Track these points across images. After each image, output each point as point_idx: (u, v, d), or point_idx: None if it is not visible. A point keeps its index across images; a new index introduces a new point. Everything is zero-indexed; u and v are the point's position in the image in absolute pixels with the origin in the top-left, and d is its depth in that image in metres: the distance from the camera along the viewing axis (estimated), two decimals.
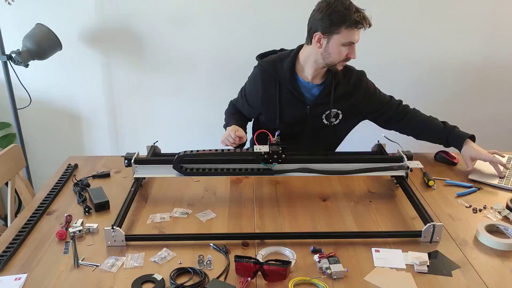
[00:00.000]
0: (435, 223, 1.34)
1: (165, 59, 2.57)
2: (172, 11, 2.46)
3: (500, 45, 2.58)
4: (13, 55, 2.25)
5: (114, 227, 1.32)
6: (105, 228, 1.32)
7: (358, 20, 1.62)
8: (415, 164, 1.61)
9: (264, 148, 1.51)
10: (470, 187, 1.67)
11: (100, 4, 2.43)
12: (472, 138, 1.82)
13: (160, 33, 2.51)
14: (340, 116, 1.85)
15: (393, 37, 2.53)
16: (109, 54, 2.55)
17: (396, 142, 1.70)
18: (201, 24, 2.49)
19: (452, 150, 1.91)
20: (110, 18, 2.47)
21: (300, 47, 1.83)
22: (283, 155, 1.52)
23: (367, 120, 1.95)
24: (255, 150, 1.51)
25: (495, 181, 1.70)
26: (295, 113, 1.83)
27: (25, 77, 2.45)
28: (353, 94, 1.83)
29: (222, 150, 1.52)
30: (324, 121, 1.84)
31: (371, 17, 1.67)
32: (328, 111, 1.82)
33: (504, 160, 1.84)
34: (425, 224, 1.35)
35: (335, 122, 1.86)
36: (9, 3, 2.24)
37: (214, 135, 2.75)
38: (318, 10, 1.68)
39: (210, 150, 1.50)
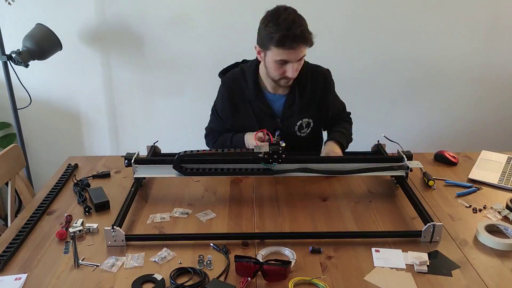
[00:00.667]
0: (435, 223, 1.34)
1: (165, 59, 2.57)
2: (172, 11, 2.46)
3: (500, 46, 2.58)
4: (13, 55, 2.25)
5: (114, 227, 1.32)
6: (105, 228, 1.32)
7: (282, 40, 1.50)
8: (415, 164, 1.61)
9: (264, 148, 1.51)
10: (470, 187, 1.67)
11: (100, 4, 2.43)
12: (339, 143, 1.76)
13: (160, 33, 2.51)
14: (312, 124, 1.83)
15: (393, 37, 2.53)
16: (109, 54, 2.55)
17: (396, 142, 1.70)
18: (201, 24, 2.49)
19: (452, 150, 1.92)
20: (110, 18, 2.47)
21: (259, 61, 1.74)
22: (283, 155, 1.52)
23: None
24: (255, 150, 1.51)
25: (495, 181, 1.70)
26: (267, 127, 1.70)
27: (25, 77, 2.45)
28: (321, 97, 1.79)
29: (222, 150, 1.52)
30: (298, 133, 1.82)
31: (315, 36, 1.56)
32: (300, 122, 1.80)
33: (504, 160, 1.85)
34: (425, 224, 1.35)
35: (308, 131, 1.84)
36: (9, 3, 2.24)
37: None
38: (260, 20, 1.59)
39: (210, 150, 1.50)
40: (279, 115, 1.79)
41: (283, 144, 1.49)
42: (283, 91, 1.77)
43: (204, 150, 1.50)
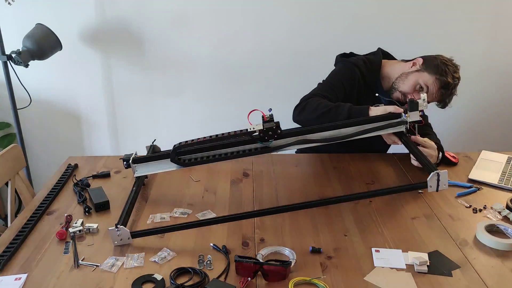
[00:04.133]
0: (439, 171, 1.35)
1: (165, 59, 2.57)
2: (172, 11, 2.46)
3: (501, 46, 2.58)
4: (13, 55, 2.25)
5: (118, 226, 1.32)
6: (109, 228, 1.32)
7: (448, 86, 1.75)
8: (415, 116, 1.56)
9: (258, 127, 1.45)
10: (470, 187, 1.67)
11: (100, 4, 2.43)
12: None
13: (160, 33, 2.51)
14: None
15: (393, 38, 2.53)
16: (109, 54, 2.55)
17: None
18: (201, 24, 2.49)
19: (452, 150, 1.92)
20: (110, 18, 2.47)
21: (382, 54, 1.93)
22: (279, 131, 1.46)
23: None
24: (249, 130, 1.45)
25: (495, 181, 1.70)
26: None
27: (25, 77, 2.46)
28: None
29: (217, 135, 1.47)
30: None
31: (450, 105, 1.84)
32: None
33: (504, 160, 1.85)
34: (429, 174, 1.36)
35: None
36: (9, 3, 2.24)
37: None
38: (444, 56, 1.81)
39: (204, 137, 1.46)
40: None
41: None
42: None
43: (198, 138, 1.47)
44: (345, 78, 1.86)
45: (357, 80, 1.85)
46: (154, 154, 1.69)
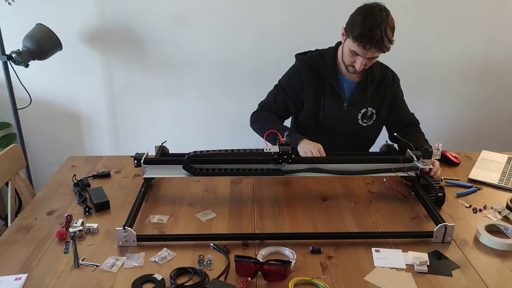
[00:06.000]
0: (446, 223, 1.33)
1: (166, 59, 2.57)
2: (172, 11, 2.46)
3: (501, 46, 2.58)
4: (13, 55, 2.25)
5: (126, 227, 1.32)
6: (116, 228, 1.32)
7: (359, 37, 1.61)
8: (428, 163, 1.57)
9: (274, 149, 1.50)
10: (470, 187, 1.67)
11: (100, 4, 2.43)
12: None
13: (160, 33, 2.51)
14: (374, 116, 1.87)
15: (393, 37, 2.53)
16: (109, 54, 2.55)
17: (407, 141, 1.64)
18: (201, 24, 2.49)
19: (452, 150, 1.91)
20: (110, 18, 2.47)
21: (339, 44, 1.85)
22: (293, 156, 1.51)
23: None
24: (265, 151, 1.49)
25: (495, 181, 1.70)
26: (333, 108, 1.84)
27: (25, 77, 2.45)
28: (387, 92, 1.87)
29: (232, 150, 1.50)
30: (360, 121, 1.87)
31: (391, 42, 1.66)
32: (365, 110, 1.85)
33: (504, 160, 1.84)
34: (437, 225, 1.35)
35: (369, 123, 1.88)
36: (9, 3, 2.24)
37: (214, 135, 2.76)
38: (356, 8, 1.70)
39: (220, 150, 1.49)
40: (347, 99, 1.85)
41: None
42: (357, 77, 1.84)
43: (214, 150, 1.49)
44: (292, 79, 1.88)
45: (305, 76, 1.84)
46: (166, 157, 1.69)
